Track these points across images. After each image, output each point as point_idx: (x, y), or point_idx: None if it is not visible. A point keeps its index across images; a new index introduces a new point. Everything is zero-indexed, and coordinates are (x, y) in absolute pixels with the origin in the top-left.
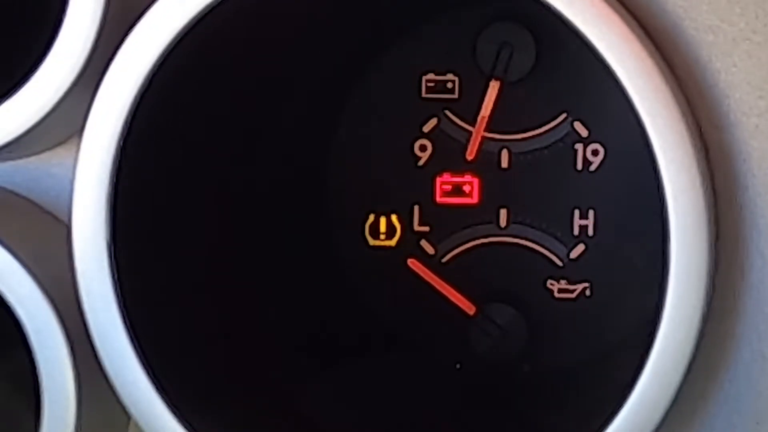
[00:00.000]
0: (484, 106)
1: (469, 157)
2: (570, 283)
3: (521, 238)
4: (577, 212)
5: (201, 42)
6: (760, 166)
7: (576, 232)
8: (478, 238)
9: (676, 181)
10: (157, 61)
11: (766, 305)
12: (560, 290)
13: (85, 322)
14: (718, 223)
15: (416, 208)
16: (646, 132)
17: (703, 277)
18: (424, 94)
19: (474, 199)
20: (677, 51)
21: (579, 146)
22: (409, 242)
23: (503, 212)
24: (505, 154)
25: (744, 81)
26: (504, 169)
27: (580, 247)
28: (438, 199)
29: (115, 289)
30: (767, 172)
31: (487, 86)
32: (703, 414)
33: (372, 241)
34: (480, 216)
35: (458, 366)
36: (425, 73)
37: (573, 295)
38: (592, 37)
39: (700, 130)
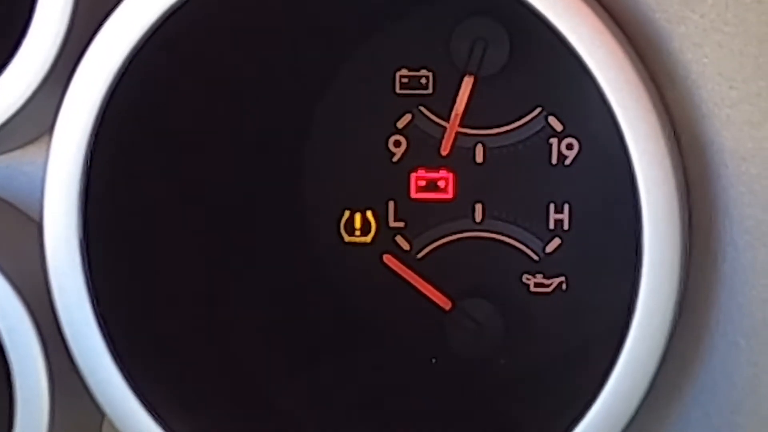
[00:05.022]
0: (458, 102)
1: (444, 152)
2: (546, 277)
3: (497, 233)
4: (552, 206)
5: (171, 38)
6: (732, 156)
7: (551, 226)
8: (453, 234)
9: (648, 172)
10: (127, 57)
11: (739, 295)
12: (536, 284)
13: (57, 320)
14: (691, 214)
15: (391, 203)
16: (619, 124)
17: (675, 267)
18: (398, 90)
19: (449, 195)
20: (649, 42)
21: (554, 140)
22: (385, 238)
23: (478, 207)
24: (479, 149)
25: (715, 72)
26: (479, 164)
27: (556, 242)
28: (413, 194)
29: (88, 287)
30: (739, 162)
31: (461, 82)
32: (678, 405)
33: (347, 238)
34: (455, 211)
35: (434, 361)
36: (399, 69)
37: (549, 290)
38: (564, 30)
39: (673, 121)
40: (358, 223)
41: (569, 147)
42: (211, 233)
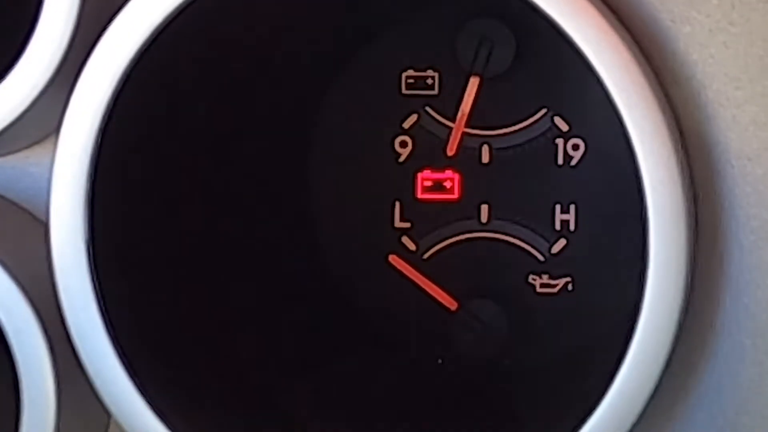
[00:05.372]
0: (464, 102)
1: (450, 152)
2: (552, 277)
3: (503, 233)
4: (558, 207)
5: (177, 39)
6: (738, 157)
7: (557, 226)
8: (459, 234)
9: (654, 173)
10: (133, 59)
11: (744, 296)
12: (542, 285)
13: (64, 321)
14: (697, 215)
15: (397, 204)
16: (625, 125)
17: (681, 268)
18: (404, 91)
19: (455, 195)
20: (654, 43)
21: (560, 141)
22: (391, 238)
23: (484, 208)
24: (485, 149)
25: (721, 72)
26: (485, 165)
27: (562, 242)
28: (419, 195)
29: (94, 288)
30: (745, 162)
31: (467, 82)
32: (684, 406)
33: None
34: (461, 212)
35: (440, 361)
36: (405, 70)
37: (555, 290)
38: (569, 31)
39: (678, 121)
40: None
41: (575, 147)
42: (216, 233)
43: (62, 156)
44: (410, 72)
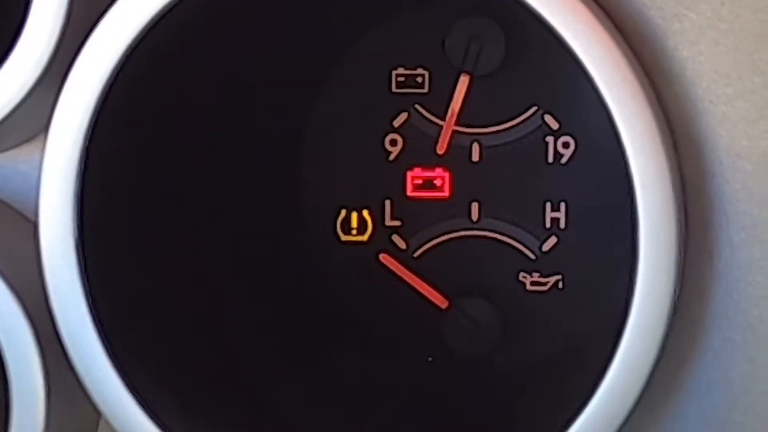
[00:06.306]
0: (454, 100)
1: (440, 151)
2: (542, 275)
3: (493, 231)
4: (548, 205)
5: (167, 37)
6: (728, 153)
7: (548, 224)
8: (449, 232)
9: (644, 170)
10: (123, 57)
11: (735, 292)
12: (533, 283)
13: (53, 320)
14: (687, 212)
15: (387, 202)
16: (615, 122)
17: (671, 265)
18: (394, 89)
19: (445, 193)
20: (644, 40)
21: (550, 139)
22: (381, 237)
23: (475, 206)
24: (476, 147)
25: (711, 69)
26: (475, 163)
27: (552, 240)
28: (409, 193)
29: (84, 286)
30: (735, 159)
31: (457, 80)
32: (675, 402)
33: (343, 237)
34: (451, 210)
35: (430, 359)
36: (395, 68)
37: (545, 288)
38: (559, 28)
39: (668, 119)
40: (354, 222)
41: (565, 145)
42: (207, 232)
43: (51, 154)
44: (400, 70)
